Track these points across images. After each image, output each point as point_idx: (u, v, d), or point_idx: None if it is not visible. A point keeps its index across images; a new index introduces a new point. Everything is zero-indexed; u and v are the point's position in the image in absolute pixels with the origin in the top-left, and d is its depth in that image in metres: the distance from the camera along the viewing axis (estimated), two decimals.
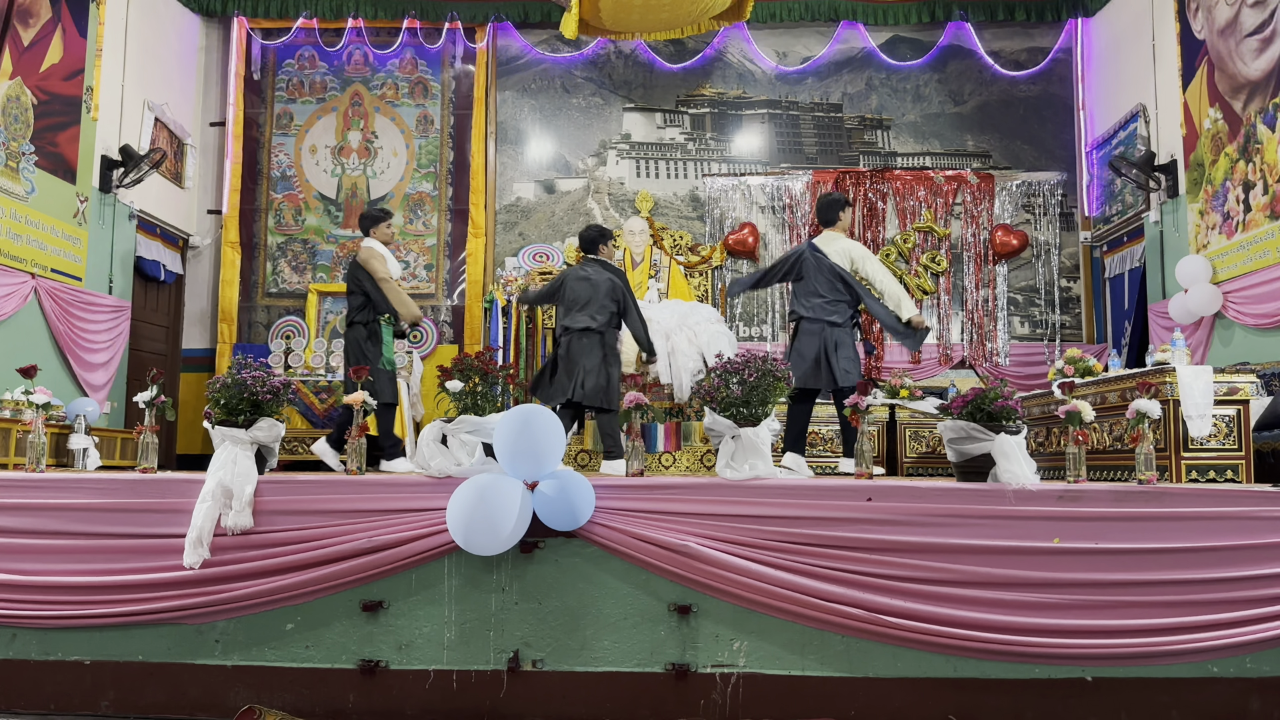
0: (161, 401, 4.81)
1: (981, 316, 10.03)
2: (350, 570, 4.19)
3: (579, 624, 4.25)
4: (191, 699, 4.26)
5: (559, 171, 10.45)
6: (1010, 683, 4.17)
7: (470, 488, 4.06)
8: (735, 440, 4.52)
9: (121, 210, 8.85)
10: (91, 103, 8.39)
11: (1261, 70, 7.36)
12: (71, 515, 4.36)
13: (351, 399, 4.82)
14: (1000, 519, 4.24)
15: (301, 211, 10.32)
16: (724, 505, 4.27)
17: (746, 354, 4.73)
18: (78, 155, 8.22)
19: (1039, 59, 10.33)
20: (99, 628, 4.30)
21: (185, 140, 10.03)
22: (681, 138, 10.44)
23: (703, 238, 10.11)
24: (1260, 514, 4.24)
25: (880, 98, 10.44)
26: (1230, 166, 7.72)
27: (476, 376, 4.64)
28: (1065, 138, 10.31)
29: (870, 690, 4.18)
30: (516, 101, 10.49)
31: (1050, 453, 6.41)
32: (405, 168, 10.37)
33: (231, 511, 4.24)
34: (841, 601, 4.11)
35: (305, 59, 10.49)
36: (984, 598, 4.14)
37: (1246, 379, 5.40)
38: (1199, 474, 5.23)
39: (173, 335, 10.07)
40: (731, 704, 4.18)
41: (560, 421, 4.32)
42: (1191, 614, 4.13)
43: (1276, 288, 7.03)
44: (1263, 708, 4.19)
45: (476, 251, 10.13)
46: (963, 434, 4.67)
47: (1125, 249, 9.53)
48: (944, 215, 10.14)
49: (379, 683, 4.24)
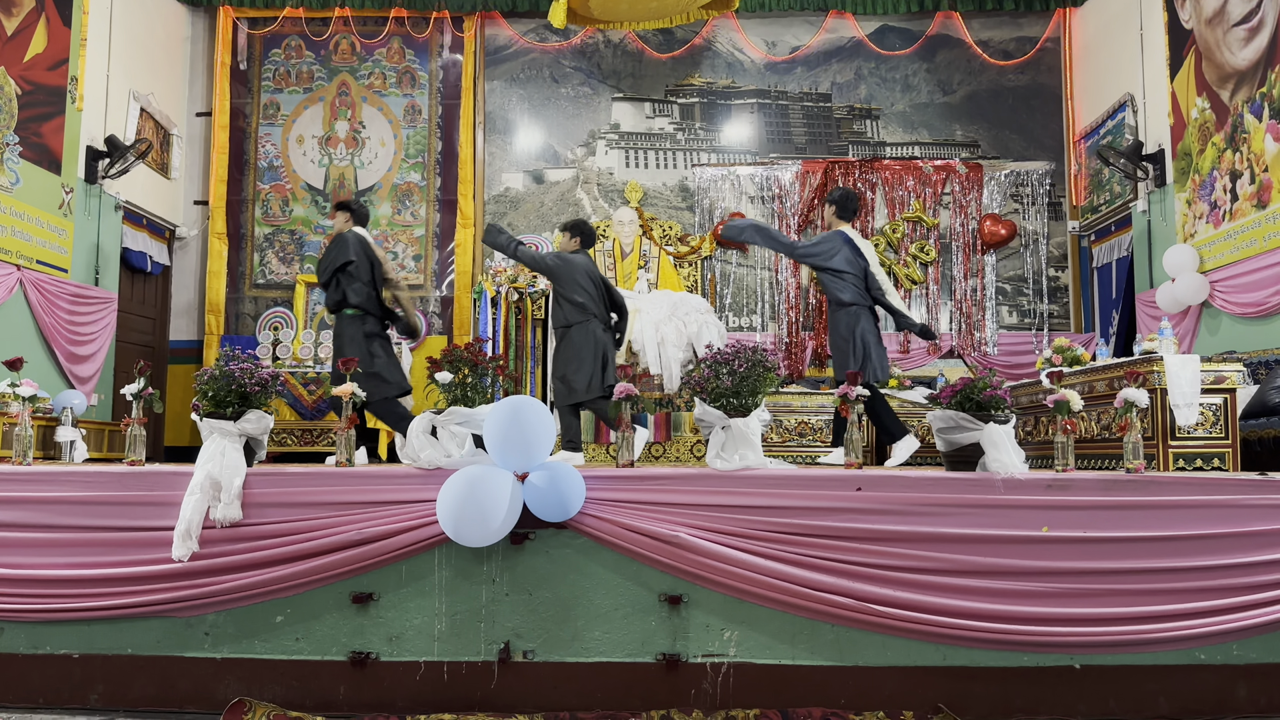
0: (149, 394, 4.78)
1: (970, 306, 10.05)
2: (340, 562, 4.18)
3: (570, 615, 4.26)
4: (181, 692, 4.24)
5: (548, 162, 10.42)
6: (999, 671, 4.20)
7: (460, 479, 4.06)
8: (725, 431, 4.52)
9: (107, 201, 8.80)
10: (76, 93, 8.32)
11: (1249, 60, 7.38)
12: (59, 508, 4.33)
13: (340, 391, 4.81)
14: (989, 508, 4.26)
15: (289, 202, 10.27)
16: (714, 496, 4.28)
17: (736, 344, 4.73)
18: (63, 146, 8.15)
19: (1027, 48, 10.35)
20: (88, 621, 4.28)
21: (171, 131, 9.97)
22: (670, 128, 10.42)
23: (692, 228, 10.11)
24: (1247, 502, 4.27)
25: (869, 87, 10.44)
26: (1217, 156, 7.75)
27: (466, 368, 4.62)
28: (1053, 127, 10.33)
29: (860, 679, 4.20)
30: (505, 91, 10.45)
31: (1038, 442, 6.43)
32: (393, 158, 10.32)
33: (220, 504, 4.22)
34: (831, 591, 4.12)
35: (292, 48, 10.43)
36: (973, 586, 4.15)
37: (1233, 368, 5.42)
38: (1186, 462, 5.26)
39: (160, 327, 10.02)
40: (722, 693, 4.20)
41: (549, 413, 4.31)
42: (1179, 601, 4.15)
43: (1263, 277, 7.07)
44: (1249, 694, 4.22)
45: (465, 242, 10.10)
46: (951, 423, 4.68)
47: (1113, 238, 9.57)
48: (932, 205, 10.15)
49: (369, 674, 4.24)
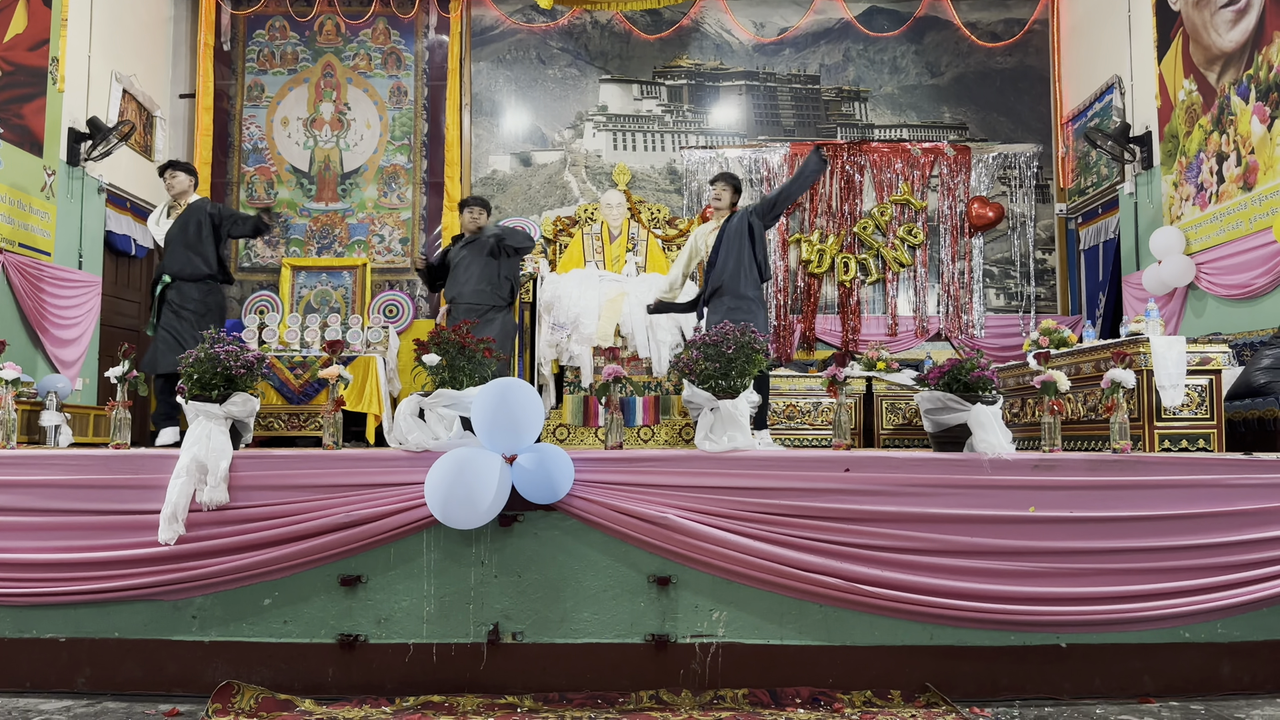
0: (134, 377, 4.75)
1: (957, 289, 10.07)
2: (328, 545, 4.17)
3: (559, 596, 4.26)
4: (169, 675, 4.23)
5: (535, 144, 10.37)
6: (986, 650, 4.22)
7: (448, 462, 4.04)
8: (714, 413, 4.52)
9: (90, 184, 8.71)
10: (58, 74, 8.23)
11: (1235, 42, 7.38)
12: (44, 492, 4.31)
13: (327, 373, 4.78)
14: (976, 488, 4.27)
15: (274, 184, 10.20)
16: (703, 477, 4.28)
17: (725, 326, 4.72)
18: (44, 128, 8.06)
19: (1015, 30, 10.34)
20: (74, 605, 4.26)
21: (154, 112, 9.87)
22: (659, 109, 10.38)
23: (680, 211, 10.07)
24: (1231, 481, 4.30)
25: (857, 69, 10.41)
26: (1204, 138, 7.76)
27: (453, 350, 4.61)
28: (1041, 109, 10.33)
29: (848, 658, 4.22)
30: (491, 72, 10.39)
31: (1025, 423, 6.46)
32: (379, 140, 10.26)
33: (207, 487, 4.20)
34: (819, 571, 4.13)
35: (276, 29, 10.34)
36: (960, 566, 4.17)
37: (1219, 349, 5.46)
38: (1171, 443, 5.29)
39: (145, 311, 9.92)
40: (711, 673, 4.21)
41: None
42: (1164, 581, 4.19)
43: (1249, 259, 7.10)
44: (1233, 672, 4.26)
45: (452, 225, 10.04)
46: (939, 405, 4.69)
47: (1100, 221, 9.59)
48: (920, 188, 10.15)
49: (358, 657, 4.24)
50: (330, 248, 10.05)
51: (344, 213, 10.13)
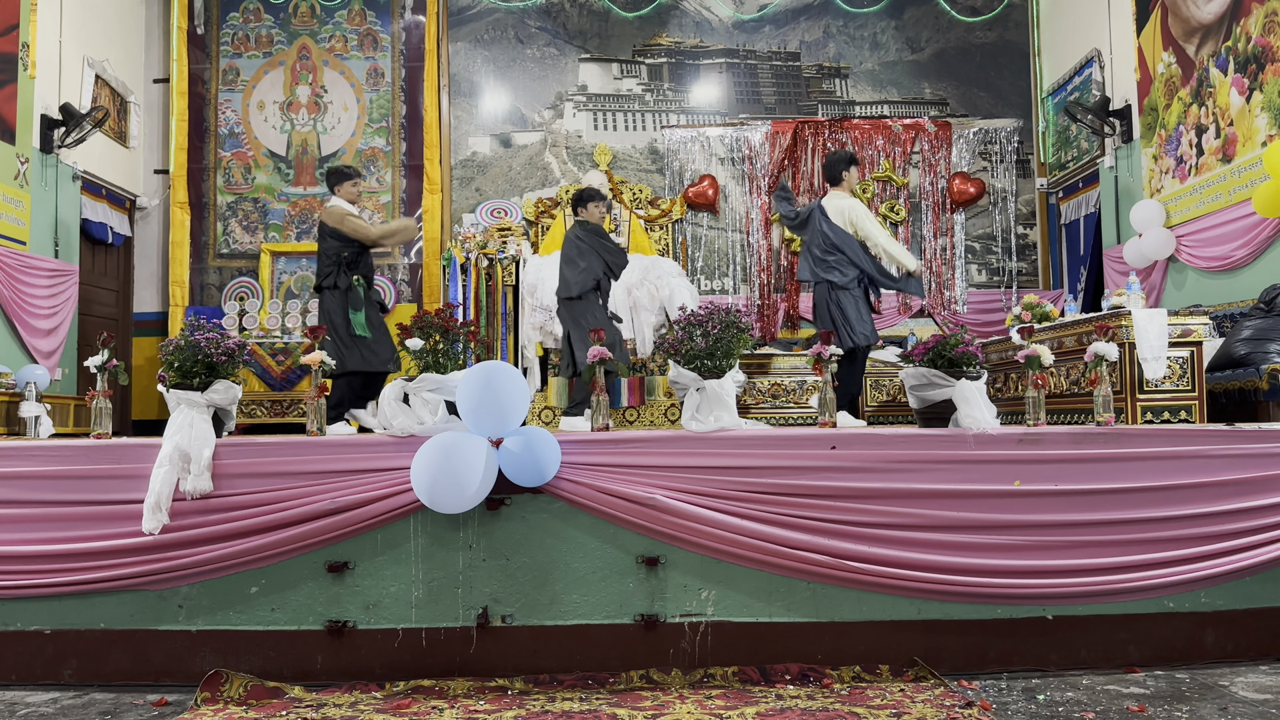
0: (113, 366, 4.70)
1: (940, 265, 10.09)
2: (314, 532, 4.15)
3: (548, 579, 4.26)
4: (156, 665, 4.21)
5: (515, 125, 10.29)
6: (973, 623, 4.25)
7: (434, 446, 4.03)
8: (700, 393, 4.52)
9: (64, 171, 8.60)
10: (28, 60, 8.10)
11: (1214, 13, 7.39)
12: (26, 483, 4.27)
13: (309, 359, 4.75)
14: (961, 463, 4.29)
15: (251, 169, 10.10)
16: (690, 457, 4.28)
17: (710, 306, 4.71)
18: (16, 115, 7.94)
19: (995, 5, 10.32)
20: (59, 596, 4.22)
21: (128, 98, 9.74)
22: (639, 89, 10.32)
23: (662, 191, 10.04)
24: (1213, 452, 4.34)
25: (838, 46, 10.38)
26: (1183, 111, 7.78)
27: (437, 334, 4.58)
28: (1021, 84, 10.33)
29: (836, 634, 4.24)
30: (469, 53, 10.30)
31: (1009, 398, 6.49)
32: (356, 123, 10.16)
33: (190, 475, 4.17)
34: (807, 549, 4.14)
35: (250, 12, 10.20)
36: (947, 541, 4.20)
37: (1199, 321, 5.48)
38: (1154, 415, 5.32)
39: (123, 299, 9.86)
40: (700, 652, 4.23)
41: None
42: (1148, 551, 4.22)
43: (1228, 230, 7.14)
44: (1216, 640, 4.31)
45: (433, 208, 9.98)
46: (924, 380, 4.70)
47: (1080, 195, 9.62)
48: (902, 164, 10.15)
49: (347, 643, 4.23)
50: (309, 232, 9.96)
51: (322, 197, 10.04)
